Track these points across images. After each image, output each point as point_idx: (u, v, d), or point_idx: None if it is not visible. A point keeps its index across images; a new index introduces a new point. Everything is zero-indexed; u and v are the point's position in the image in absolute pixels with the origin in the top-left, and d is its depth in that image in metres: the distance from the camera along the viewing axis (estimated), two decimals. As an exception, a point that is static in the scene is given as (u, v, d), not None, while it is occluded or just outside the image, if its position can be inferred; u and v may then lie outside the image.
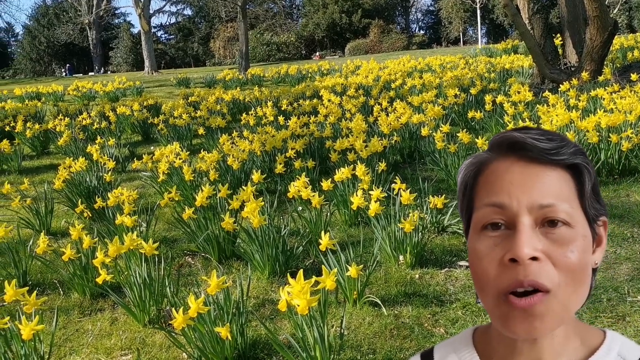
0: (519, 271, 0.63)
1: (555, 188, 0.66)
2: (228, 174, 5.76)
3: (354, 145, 5.55)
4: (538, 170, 0.66)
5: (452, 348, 0.78)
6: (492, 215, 0.67)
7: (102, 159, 6.33)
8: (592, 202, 0.69)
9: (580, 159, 0.68)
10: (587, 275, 0.67)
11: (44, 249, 3.75)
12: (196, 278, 4.03)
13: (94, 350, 3.16)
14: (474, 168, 0.72)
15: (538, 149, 0.66)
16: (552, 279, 0.63)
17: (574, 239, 0.64)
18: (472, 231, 0.70)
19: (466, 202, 0.73)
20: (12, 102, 14.02)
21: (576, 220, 0.66)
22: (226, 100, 10.94)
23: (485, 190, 0.69)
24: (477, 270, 0.67)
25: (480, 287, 0.67)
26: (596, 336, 0.72)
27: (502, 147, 0.70)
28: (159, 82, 20.80)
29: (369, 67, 15.49)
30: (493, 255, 0.65)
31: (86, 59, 44.90)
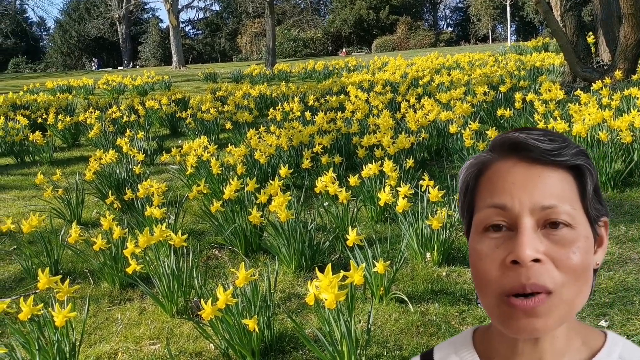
0: (521, 273, 0.63)
1: (557, 189, 0.65)
2: (255, 168, 5.79)
3: (381, 141, 5.53)
4: (540, 171, 0.66)
5: (453, 349, 0.77)
6: (493, 216, 0.66)
7: (131, 151, 6.42)
8: (593, 202, 0.68)
9: (582, 159, 0.68)
10: (589, 276, 0.66)
11: (76, 238, 3.82)
12: (223, 270, 4.07)
13: (123, 339, 3.22)
14: (475, 169, 0.72)
15: (540, 150, 0.66)
16: (554, 280, 0.63)
17: (575, 240, 0.64)
18: (473, 232, 0.70)
19: (467, 203, 0.73)
20: (44, 95, 14.30)
21: (578, 222, 0.65)
22: (253, 95, 10.99)
23: (487, 191, 0.69)
24: (478, 271, 0.67)
25: (480, 288, 0.67)
26: (597, 338, 0.72)
27: (503, 148, 0.69)
28: (187, 77, 20.99)
29: (396, 64, 15.41)
30: (494, 257, 0.65)
31: (115, 53, 45.52)
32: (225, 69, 22.22)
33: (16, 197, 6.55)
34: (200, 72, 19.94)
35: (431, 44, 36.58)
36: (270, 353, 2.93)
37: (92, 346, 3.16)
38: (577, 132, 4.96)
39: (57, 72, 34.32)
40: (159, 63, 40.82)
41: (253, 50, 40.62)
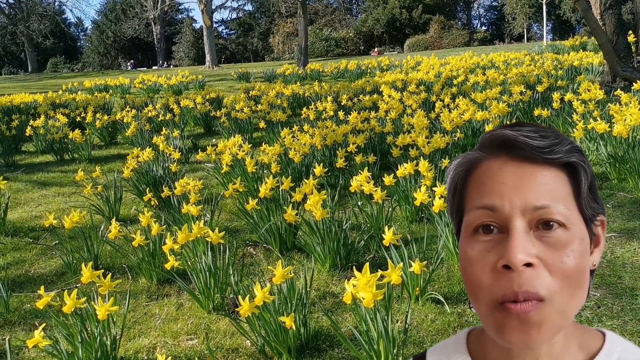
0: (513, 279, 0.60)
1: (550, 188, 0.63)
2: (289, 167, 5.82)
3: (416, 141, 5.50)
4: (531, 170, 0.63)
5: (446, 352, 0.75)
6: (483, 218, 0.64)
7: (167, 149, 6.52)
8: (589, 201, 0.65)
9: (576, 157, 0.65)
10: (585, 280, 0.63)
11: (115, 234, 3.90)
12: (259, 268, 4.11)
13: (162, 334, 3.27)
14: (463, 168, 0.69)
15: (531, 148, 0.63)
16: (547, 286, 0.60)
17: (570, 242, 0.61)
18: (463, 234, 0.67)
19: (456, 204, 0.70)
20: (83, 94, 14.62)
21: (572, 222, 0.63)
22: (286, 95, 11.04)
23: (476, 191, 0.66)
24: (469, 276, 0.64)
25: (472, 294, 0.65)
26: (595, 339, 0.69)
27: (493, 146, 0.66)
28: (220, 77, 21.21)
29: (429, 63, 15.29)
30: (485, 262, 0.62)
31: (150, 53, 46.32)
32: (258, 69, 22.37)
33: (56, 194, 6.71)
34: (233, 72, 20.12)
35: (464, 43, 36.19)
36: (306, 351, 2.94)
37: (131, 340, 3.22)
38: (618, 133, 4.84)
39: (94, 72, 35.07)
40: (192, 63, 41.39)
41: (285, 50, 40.80)
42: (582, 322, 2.95)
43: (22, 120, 10.09)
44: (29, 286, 4.10)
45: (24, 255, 4.70)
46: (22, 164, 8.50)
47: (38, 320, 3.56)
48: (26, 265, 4.49)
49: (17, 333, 3.37)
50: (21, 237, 5.16)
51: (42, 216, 5.78)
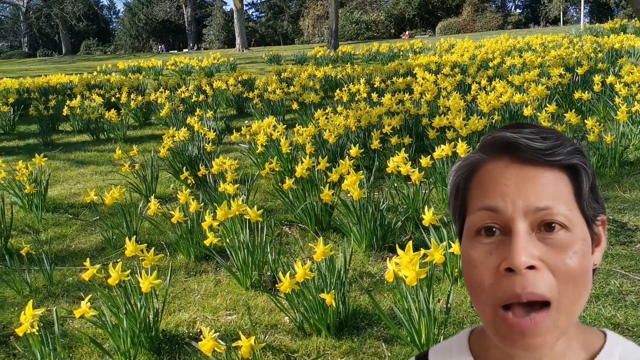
0: (516, 282, 0.60)
1: (552, 190, 0.62)
2: (323, 148, 5.81)
3: (452, 123, 5.42)
4: (533, 171, 0.63)
5: (448, 352, 0.75)
6: (485, 219, 0.64)
7: (202, 129, 6.56)
8: (590, 202, 0.65)
9: (578, 158, 0.64)
10: (588, 280, 0.63)
11: (154, 211, 3.95)
12: (294, 247, 4.12)
13: (201, 309, 3.31)
14: (465, 170, 0.69)
15: (532, 150, 0.63)
16: (551, 288, 0.60)
17: (572, 243, 0.61)
18: (465, 236, 0.67)
19: (458, 207, 0.70)
20: (116, 75, 14.80)
21: (574, 223, 0.62)
22: (318, 77, 10.99)
23: (478, 193, 0.66)
24: (472, 278, 0.64)
25: (475, 295, 0.64)
26: (597, 339, 0.69)
27: (494, 148, 0.66)
28: (250, 59, 21.22)
29: (464, 46, 15.03)
30: (488, 264, 0.62)
31: (181, 36, 46.60)
32: (288, 52, 22.31)
33: (94, 172, 6.84)
34: (264, 54, 20.11)
35: (498, 26, 35.48)
36: (345, 329, 2.95)
37: (171, 314, 3.28)
38: (664, 116, 4.70)
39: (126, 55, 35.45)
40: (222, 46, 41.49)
41: (315, 32, 40.60)
42: (627, 307, 2.89)
43: (58, 100, 10.27)
44: (71, 260, 4.20)
45: (65, 231, 4.80)
46: (59, 143, 8.66)
47: (80, 292, 3.64)
48: (67, 240, 4.59)
49: (61, 305, 3.45)
50: (61, 213, 5.28)
51: (80, 193, 5.90)
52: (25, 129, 9.66)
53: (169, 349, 2.91)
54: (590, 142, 5.00)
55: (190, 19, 42.54)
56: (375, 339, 2.83)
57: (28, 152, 7.86)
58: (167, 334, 3.05)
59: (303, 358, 2.75)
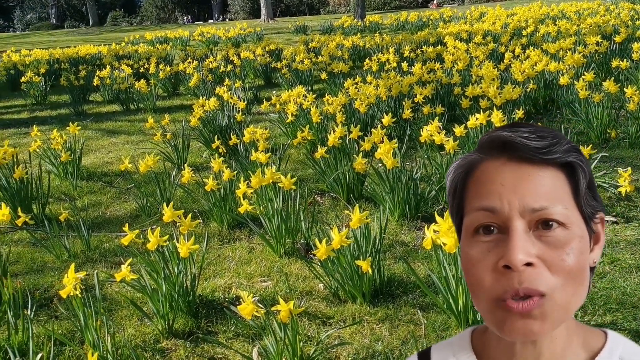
0: (514, 278, 0.60)
1: (548, 189, 0.63)
2: (354, 118, 5.76)
3: (486, 92, 5.32)
4: (530, 170, 0.63)
5: (451, 350, 0.76)
6: (483, 219, 0.64)
7: (232, 99, 6.56)
8: (588, 199, 0.66)
9: (574, 156, 0.65)
10: (585, 277, 0.64)
11: (188, 179, 3.98)
12: (327, 215, 4.13)
13: (236, 275, 3.35)
14: (462, 170, 0.69)
15: (529, 149, 0.63)
16: (548, 283, 0.60)
17: (569, 241, 0.62)
18: (463, 236, 0.68)
19: (456, 206, 0.70)
20: (144, 46, 14.84)
21: (571, 221, 0.63)
22: (346, 47, 10.86)
23: (476, 193, 0.66)
24: (471, 276, 0.65)
25: (474, 293, 0.65)
26: (597, 338, 0.70)
27: (491, 148, 0.66)
28: (276, 30, 21.05)
29: (495, 14, 14.67)
30: (486, 262, 0.63)
31: (206, 6, 46.37)
32: (314, 22, 22.08)
33: (125, 142, 6.91)
34: (290, 25, 19.93)
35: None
36: (380, 296, 2.95)
37: (207, 280, 3.32)
38: None
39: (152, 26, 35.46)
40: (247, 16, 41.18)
41: (341, 2, 40.01)
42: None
43: (88, 71, 10.36)
44: (106, 227, 4.27)
45: (100, 198, 4.88)
46: (90, 113, 8.76)
47: (117, 258, 3.72)
48: (102, 208, 4.67)
49: (99, 269, 3.52)
50: (95, 181, 5.36)
51: (113, 162, 5.98)
52: (57, 99, 9.77)
53: (206, 313, 2.95)
54: (630, 110, 4.86)
55: (215, -11, 42.26)
56: (411, 307, 2.83)
57: (60, 121, 7.97)
58: (204, 298, 3.10)
59: (339, 324, 2.76)
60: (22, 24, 47.73)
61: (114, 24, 42.47)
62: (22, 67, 11.49)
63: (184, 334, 2.79)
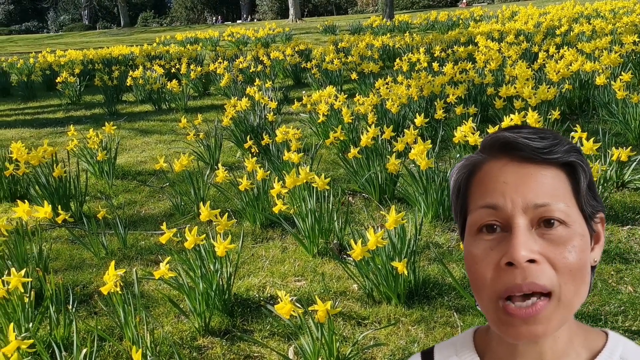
0: (517, 275, 0.61)
1: (550, 187, 0.64)
2: (385, 118, 5.74)
3: (520, 92, 5.25)
4: (532, 169, 0.65)
5: (454, 350, 0.76)
6: (486, 217, 0.65)
7: (263, 99, 6.60)
8: (588, 199, 0.67)
9: (575, 156, 0.66)
10: (586, 274, 0.65)
11: (222, 178, 4.02)
12: (359, 216, 4.12)
13: (270, 274, 3.37)
14: (466, 170, 0.71)
15: (531, 149, 0.65)
16: (551, 280, 0.61)
17: (571, 239, 0.63)
18: (467, 234, 0.69)
19: (460, 206, 0.72)
20: (175, 46, 15.02)
21: (573, 219, 0.64)
22: (376, 47, 10.83)
23: (479, 192, 0.67)
24: (474, 274, 0.66)
25: (477, 291, 0.66)
26: (598, 338, 0.70)
27: (494, 148, 0.68)
28: (304, 30, 21.11)
29: (527, 13, 14.46)
30: (489, 259, 0.64)
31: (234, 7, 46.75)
32: (343, 22, 22.08)
33: (157, 141, 7.00)
34: (319, 25, 19.96)
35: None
36: (415, 297, 2.94)
37: (241, 279, 3.35)
38: None
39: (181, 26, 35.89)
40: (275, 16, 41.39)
41: (369, 2, 39.93)
42: None
43: (121, 71, 10.53)
44: (142, 225, 4.34)
45: (134, 197, 4.96)
46: (123, 112, 8.90)
47: (152, 256, 3.77)
48: (137, 206, 4.74)
49: (135, 267, 3.58)
50: (129, 180, 5.45)
51: (146, 161, 6.07)
52: (91, 99, 9.96)
53: (241, 311, 2.98)
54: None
55: (244, -11, 42.58)
56: (447, 309, 2.82)
57: (94, 121, 8.12)
58: (239, 297, 3.13)
59: (374, 325, 2.76)
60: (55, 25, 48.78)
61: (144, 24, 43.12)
62: (57, 68, 11.75)
63: (220, 331, 2.82)
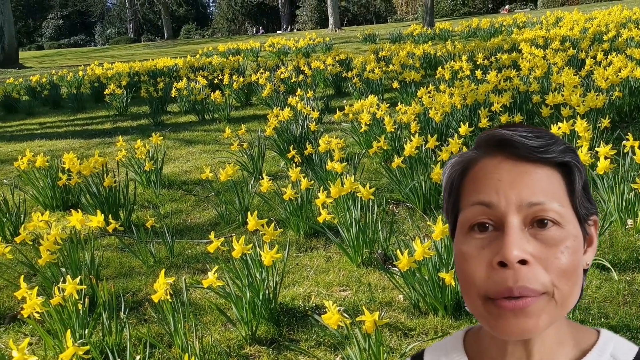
0: (508, 276, 0.60)
1: (545, 186, 0.63)
2: (428, 127, 5.71)
3: (567, 100, 5.14)
4: (527, 168, 0.64)
5: (443, 351, 0.76)
6: (479, 214, 0.64)
7: (305, 109, 6.64)
8: (582, 200, 0.66)
9: (570, 156, 0.65)
10: (578, 277, 0.64)
11: (267, 188, 4.06)
12: (403, 226, 4.10)
13: (314, 284, 3.38)
14: (460, 167, 0.69)
15: (526, 147, 0.64)
16: (543, 282, 0.60)
17: (564, 240, 0.62)
18: (458, 232, 0.68)
19: (452, 203, 0.70)
20: (217, 57, 15.29)
21: (567, 220, 0.63)
22: (417, 55, 10.78)
23: (472, 188, 0.66)
24: (464, 273, 0.65)
25: (466, 290, 0.65)
26: (589, 337, 0.70)
27: (489, 145, 0.67)
28: (344, 39, 21.18)
29: (573, 19, 14.15)
30: (481, 258, 0.63)
31: (274, 17, 47.37)
32: (382, 30, 22.05)
33: (202, 151, 7.13)
34: (359, 34, 20.00)
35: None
36: (462, 309, 2.90)
37: (286, 288, 3.37)
38: None
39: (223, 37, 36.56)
40: (315, 26, 41.70)
41: (409, 10, 39.80)
42: None
43: (166, 82, 10.78)
44: (188, 234, 4.42)
45: (181, 206, 5.06)
46: (168, 123, 9.10)
47: (199, 264, 3.84)
48: (183, 215, 4.83)
49: (182, 275, 3.64)
50: (175, 190, 5.56)
51: (191, 171, 6.19)
52: (137, 110, 10.22)
53: (287, 321, 3.00)
54: None
55: (284, 0, 43.08)
56: (495, 321, 2.76)
57: (140, 131, 8.33)
58: (284, 306, 3.15)
59: (421, 336, 2.74)
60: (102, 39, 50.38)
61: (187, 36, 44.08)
62: (104, 80, 12.11)
63: (267, 340, 2.84)
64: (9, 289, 3.54)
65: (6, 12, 19.56)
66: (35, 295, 2.54)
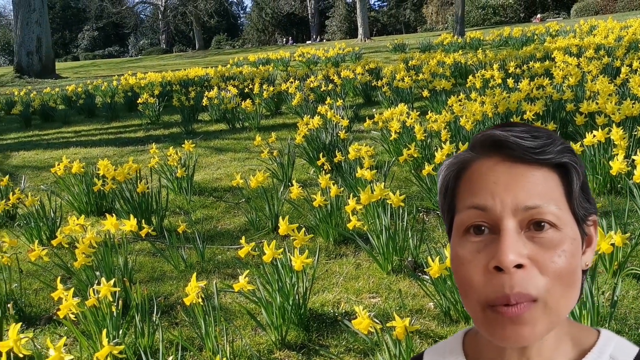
0: (505, 282, 0.59)
1: (542, 188, 0.62)
2: (459, 135, 5.67)
3: (602, 108, 5.05)
4: (523, 170, 0.63)
5: (442, 353, 0.75)
6: (474, 218, 0.63)
7: (335, 117, 6.67)
8: (581, 201, 0.65)
9: (568, 157, 0.64)
10: (576, 279, 0.63)
11: (297, 194, 4.08)
12: (433, 233, 4.07)
13: (344, 290, 3.38)
14: (455, 168, 0.68)
15: (522, 148, 0.62)
16: (538, 287, 0.60)
17: (561, 243, 0.61)
18: (454, 235, 0.67)
19: (447, 205, 0.69)
20: (248, 67, 15.47)
21: (564, 222, 0.62)
22: (447, 64, 10.73)
23: (468, 191, 0.65)
24: (461, 277, 0.64)
25: (464, 294, 0.64)
26: (589, 337, 0.68)
27: (484, 147, 0.66)
28: (374, 49, 21.22)
29: (607, 27, 13.92)
30: (476, 262, 0.62)
31: (304, 28, 47.75)
32: (412, 40, 22.02)
33: (232, 159, 7.21)
34: (388, 43, 20.01)
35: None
36: (494, 318, 2.86)
37: (316, 294, 3.37)
38: None
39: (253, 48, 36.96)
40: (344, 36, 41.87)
41: (439, 20, 39.70)
42: None
43: (197, 92, 10.94)
44: (218, 240, 4.46)
45: (211, 212, 5.12)
46: (199, 131, 9.22)
47: (229, 269, 3.87)
48: (214, 221, 4.89)
49: (213, 280, 3.68)
50: (206, 196, 5.63)
51: (222, 178, 6.25)
52: (169, 119, 10.39)
53: (316, 326, 3.00)
54: None
55: (313, 11, 43.46)
56: (528, 330, 2.72)
57: (172, 140, 8.46)
58: (314, 312, 3.15)
59: (452, 344, 2.70)
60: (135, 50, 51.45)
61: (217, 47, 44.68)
62: (137, 90, 12.36)
63: (296, 346, 2.85)
64: (45, 292, 3.63)
65: (44, 24, 20.14)
66: (71, 297, 2.60)
